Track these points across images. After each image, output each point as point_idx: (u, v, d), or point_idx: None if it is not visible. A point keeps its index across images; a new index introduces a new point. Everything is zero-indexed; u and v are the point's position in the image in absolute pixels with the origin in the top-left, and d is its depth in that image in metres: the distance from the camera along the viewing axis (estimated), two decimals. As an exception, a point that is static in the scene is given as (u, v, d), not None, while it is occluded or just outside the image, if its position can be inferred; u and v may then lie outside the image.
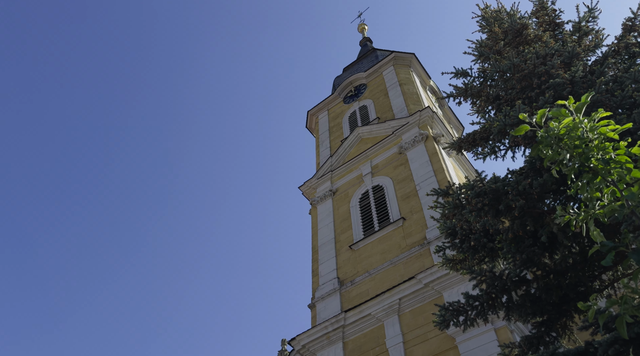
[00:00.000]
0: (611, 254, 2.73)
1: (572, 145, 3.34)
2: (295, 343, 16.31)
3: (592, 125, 3.36)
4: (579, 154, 3.31)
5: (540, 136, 3.39)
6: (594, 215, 3.23)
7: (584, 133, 3.33)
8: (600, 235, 2.88)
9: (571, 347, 5.25)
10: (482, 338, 11.99)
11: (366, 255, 17.41)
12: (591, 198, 3.28)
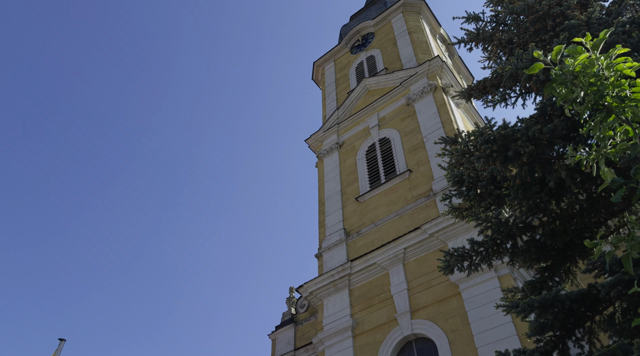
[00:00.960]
0: (621, 191, 2.71)
1: (586, 83, 3.25)
2: (303, 290, 16.79)
3: (608, 62, 3.26)
4: (594, 92, 3.23)
5: (555, 73, 3.30)
6: (605, 154, 3.18)
7: (599, 70, 3.24)
8: (611, 172, 2.85)
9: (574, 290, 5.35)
10: (486, 285, 12.26)
11: (372, 207, 17.57)
12: (603, 138, 3.23)
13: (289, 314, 19.79)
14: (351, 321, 14.79)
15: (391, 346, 13.58)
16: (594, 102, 3.16)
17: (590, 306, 5.31)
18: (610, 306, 5.33)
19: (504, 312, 5.80)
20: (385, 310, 14.41)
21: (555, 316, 5.29)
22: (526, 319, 5.79)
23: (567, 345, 5.63)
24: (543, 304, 5.18)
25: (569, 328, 5.50)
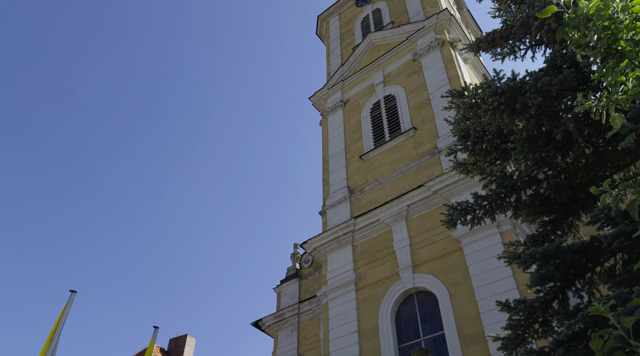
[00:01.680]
0: (631, 136, 2.67)
1: (600, 26, 3.14)
2: (307, 246, 17.07)
3: (624, 4, 3.14)
4: (607, 36, 3.12)
5: (568, 17, 3.19)
6: (615, 101, 3.12)
7: (614, 13, 3.12)
8: (621, 117, 2.79)
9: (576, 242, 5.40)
10: (488, 241, 12.41)
11: (376, 165, 17.56)
12: (615, 84, 3.15)
13: (294, 269, 20.23)
14: (354, 276, 15.10)
15: (393, 299, 13.92)
16: (607, 47, 3.07)
17: (591, 257, 5.37)
18: (612, 257, 5.39)
19: (505, 263, 5.88)
20: (388, 264, 14.67)
21: (557, 267, 5.36)
22: (527, 270, 5.88)
23: (567, 295, 5.74)
24: (545, 255, 5.24)
25: (569, 279, 5.59)
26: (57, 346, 11.03)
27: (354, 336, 13.97)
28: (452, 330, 12.06)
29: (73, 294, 11.61)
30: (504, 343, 6.07)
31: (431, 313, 13.21)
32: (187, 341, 22.36)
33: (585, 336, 5.29)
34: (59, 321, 11.33)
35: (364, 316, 14.25)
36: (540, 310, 5.72)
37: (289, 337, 17.87)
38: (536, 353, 5.51)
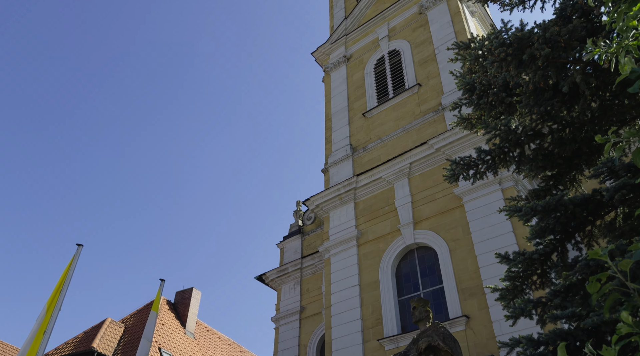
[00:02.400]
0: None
1: (614, -32, 3.01)
2: (310, 203, 17.22)
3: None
4: (621, -23, 3.00)
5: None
6: (626, 47, 3.03)
7: (629, -47, 2.98)
8: (631, 61, 2.72)
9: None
10: (489, 197, 12.48)
11: (379, 122, 17.42)
12: (626, 29, 3.06)
13: (296, 226, 20.49)
14: (356, 232, 15.31)
15: (394, 254, 14.17)
16: (621, -12, 2.95)
17: (592, 211, 5.40)
18: (613, 210, 5.42)
19: (506, 216, 5.92)
20: (389, 221, 14.84)
21: (557, 220, 5.40)
22: (528, 223, 5.93)
23: (566, 248, 5.82)
24: (546, 208, 5.27)
25: (569, 232, 5.64)
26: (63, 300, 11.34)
27: (355, 289, 14.32)
28: (451, 283, 12.33)
29: (80, 248, 11.82)
30: (502, 294, 6.21)
31: (431, 268, 13.47)
32: (192, 294, 22.99)
33: (582, 287, 5.40)
34: (66, 274, 11.59)
35: (365, 271, 14.56)
36: (539, 262, 5.82)
37: (292, 290, 18.34)
38: (533, 303, 5.64)
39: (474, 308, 11.61)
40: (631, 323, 2.17)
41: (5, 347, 24.17)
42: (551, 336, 4.85)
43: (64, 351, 18.34)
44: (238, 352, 25.58)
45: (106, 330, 19.13)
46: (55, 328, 12.25)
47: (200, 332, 23.28)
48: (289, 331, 17.25)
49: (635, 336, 2.19)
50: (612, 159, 5.04)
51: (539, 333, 5.17)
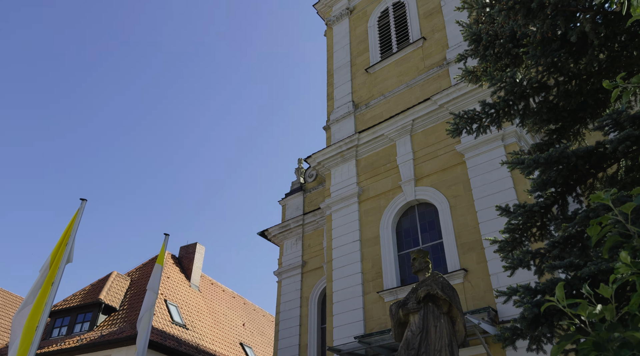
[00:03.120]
0: (653, 22, 2.54)
1: None
2: (311, 160, 17.24)
3: None
4: None
5: None
6: (640, -12, 2.93)
7: None
8: (645, 1, 2.63)
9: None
10: (491, 154, 12.45)
11: (382, 78, 17.15)
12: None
13: (298, 183, 20.59)
14: (357, 189, 15.40)
15: (394, 211, 14.31)
16: None
17: (595, 163, 5.40)
18: (615, 163, 5.42)
19: (508, 168, 5.92)
20: (391, 178, 14.89)
21: (559, 173, 5.40)
22: (529, 176, 5.94)
23: (567, 200, 5.85)
24: (548, 160, 5.26)
25: (570, 185, 5.66)
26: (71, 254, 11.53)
27: (356, 244, 14.56)
28: (450, 238, 12.52)
29: (83, 203, 11.93)
30: (501, 245, 6.30)
31: (431, 224, 13.64)
32: (196, 248, 23.43)
33: (580, 238, 5.47)
34: (71, 228, 11.74)
35: (365, 227, 14.75)
36: (539, 215, 5.87)
37: (294, 246, 18.65)
38: (532, 254, 5.74)
39: (472, 261, 11.83)
40: (629, 263, 2.21)
41: (15, 298, 24.91)
42: (548, 285, 4.96)
43: (72, 302, 18.91)
44: (242, 304, 26.34)
45: (112, 283, 19.64)
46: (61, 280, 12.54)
47: (205, 285, 23.90)
48: (291, 285, 17.68)
49: (632, 276, 2.23)
50: (617, 111, 4.99)
51: (536, 283, 5.29)
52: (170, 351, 16.80)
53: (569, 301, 2.29)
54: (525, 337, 5.36)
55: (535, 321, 5.15)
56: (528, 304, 5.03)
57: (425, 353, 5.76)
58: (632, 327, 2.18)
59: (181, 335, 18.26)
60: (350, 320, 13.33)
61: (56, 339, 17.98)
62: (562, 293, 2.29)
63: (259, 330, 25.68)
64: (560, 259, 5.30)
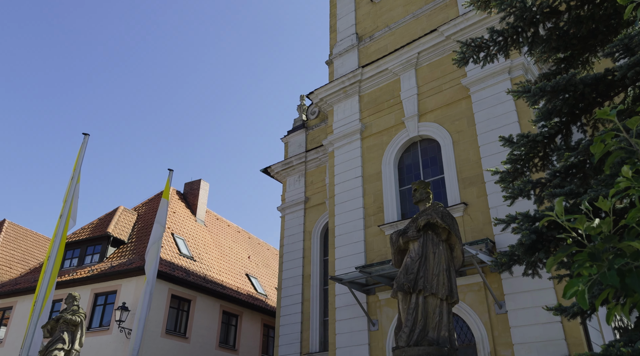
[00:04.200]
0: None
1: None
2: (314, 96, 16.99)
3: None
4: None
5: None
6: None
7: None
8: None
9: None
10: (497, 87, 12.23)
11: (387, 8, 16.49)
12: None
13: (300, 120, 20.44)
14: (360, 125, 15.30)
15: (397, 147, 14.30)
16: None
17: (602, 91, 5.30)
18: (623, 91, 5.32)
19: (514, 97, 5.83)
20: (394, 114, 14.74)
21: (565, 102, 5.33)
22: (535, 106, 5.87)
23: (571, 130, 5.82)
24: (555, 88, 5.16)
25: (575, 114, 5.60)
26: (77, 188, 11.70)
27: (358, 180, 14.69)
28: (452, 173, 12.60)
29: (86, 137, 11.97)
30: (502, 176, 6.34)
31: (433, 159, 13.67)
32: (201, 185, 23.72)
33: (582, 167, 5.49)
34: (77, 164, 11.85)
35: (368, 163, 14.81)
36: (542, 145, 5.85)
37: (297, 182, 18.85)
38: (532, 183, 5.79)
39: (472, 196, 11.98)
40: (630, 177, 2.23)
41: (25, 232, 25.64)
42: (544, 221, 5.03)
43: (81, 235, 19.47)
44: (247, 239, 27.09)
45: (120, 217, 20.10)
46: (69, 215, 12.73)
47: (210, 220, 24.46)
48: (294, 220, 18.05)
49: (632, 190, 2.25)
50: (629, 35, 4.82)
51: (535, 210, 5.38)
52: (179, 281, 17.51)
53: (568, 217, 2.33)
54: (522, 262, 5.54)
55: (532, 247, 5.29)
56: (526, 231, 5.14)
57: (423, 278, 5.98)
58: (627, 239, 2.22)
59: (189, 266, 18.95)
60: (352, 252, 13.74)
61: (68, 270, 18.71)
62: (561, 208, 2.33)
63: (263, 262, 26.58)
64: (560, 188, 5.35)
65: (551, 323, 9.67)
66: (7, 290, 19.09)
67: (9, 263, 22.53)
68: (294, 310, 16.19)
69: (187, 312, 17.97)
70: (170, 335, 16.95)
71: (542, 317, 9.76)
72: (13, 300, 19.07)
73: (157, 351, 16.25)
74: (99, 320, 16.98)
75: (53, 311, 17.66)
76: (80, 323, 9.35)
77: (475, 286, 11.13)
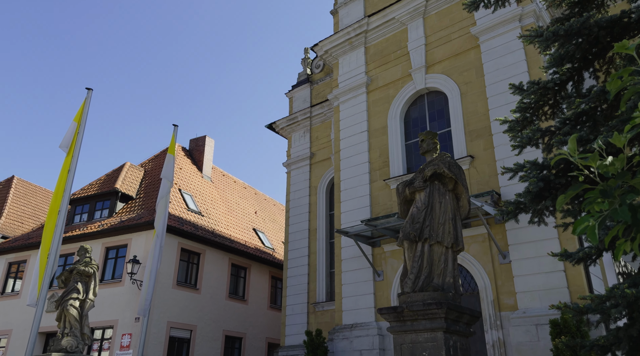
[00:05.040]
0: None
1: None
2: (318, 49, 16.61)
3: None
4: None
5: None
6: None
7: None
8: None
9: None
10: (507, 36, 11.88)
11: (394, -46, 15.79)
12: None
13: (305, 74, 20.09)
14: (366, 78, 15.03)
15: (403, 100, 14.10)
16: None
17: (617, 35, 5.12)
18: (638, 34, 5.14)
19: (525, 42, 5.66)
20: (400, 66, 14.44)
21: (578, 46, 5.17)
22: (546, 51, 5.70)
23: (583, 76, 5.67)
24: (569, 32, 4.99)
25: (589, 59, 5.45)
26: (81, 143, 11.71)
27: (364, 135, 14.60)
28: (459, 126, 12.47)
29: (90, 92, 11.83)
30: (510, 125, 6.26)
31: (440, 112, 13.50)
32: (206, 141, 23.69)
33: (593, 114, 5.40)
34: (80, 117, 11.78)
35: (374, 117, 14.66)
36: (553, 92, 5.74)
37: (302, 138, 18.77)
38: (541, 132, 5.71)
39: (479, 148, 11.91)
40: (646, 112, 2.18)
41: (34, 188, 25.98)
42: (555, 160, 4.99)
43: (89, 191, 19.70)
44: (253, 194, 27.33)
45: (127, 173, 20.25)
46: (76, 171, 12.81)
47: (217, 176, 24.60)
48: (300, 175, 18.12)
49: (647, 125, 2.20)
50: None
51: (543, 158, 5.34)
52: (188, 235, 17.84)
53: (581, 156, 2.30)
54: (528, 211, 5.56)
55: (539, 195, 5.29)
56: (534, 178, 5.12)
57: (429, 227, 6.04)
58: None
59: (197, 221, 19.24)
60: (357, 206, 13.85)
61: (78, 225, 19.06)
62: (574, 145, 2.29)
63: (270, 217, 26.93)
64: (570, 135, 5.28)
65: (554, 272, 9.84)
66: (21, 244, 19.55)
67: (20, 219, 22.96)
68: (301, 262, 16.54)
69: (197, 265, 18.41)
70: (181, 286, 17.46)
71: (546, 266, 9.92)
72: (27, 253, 19.58)
73: (169, 301, 16.79)
74: (111, 273, 17.46)
75: (66, 264, 18.17)
76: (93, 273, 9.62)
77: (479, 238, 11.26)
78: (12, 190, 23.97)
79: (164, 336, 16.26)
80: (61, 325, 9.14)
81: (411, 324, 5.66)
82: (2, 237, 21.07)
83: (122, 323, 16.15)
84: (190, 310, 17.49)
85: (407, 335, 5.63)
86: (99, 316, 15.73)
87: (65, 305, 9.15)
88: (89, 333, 9.35)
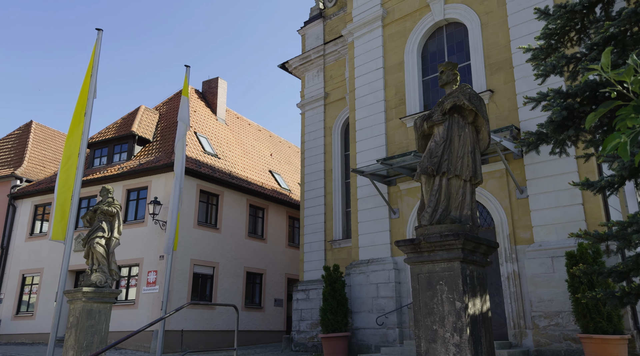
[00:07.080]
0: None
1: None
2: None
3: None
4: None
5: None
6: None
7: None
8: None
9: None
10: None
11: None
12: None
13: (317, 9, 19.35)
14: (381, 11, 14.43)
15: (421, 33, 13.58)
16: None
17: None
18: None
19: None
20: (418, -3, 13.77)
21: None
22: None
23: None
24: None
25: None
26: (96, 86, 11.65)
27: (379, 72, 14.23)
28: (478, 59, 12.04)
29: (100, 33, 11.61)
30: (534, 53, 6.01)
31: (459, 45, 13.01)
32: (219, 83, 23.42)
33: (623, 39, 5.13)
34: (92, 59, 11.64)
35: (389, 53, 14.21)
36: (581, 15, 5.43)
37: (316, 77, 18.40)
38: (566, 58, 5.47)
39: (499, 82, 11.56)
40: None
41: (53, 132, 26.33)
42: (581, 87, 4.82)
43: (106, 135, 19.91)
44: (268, 137, 27.33)
45: (142, 116, 20.30)
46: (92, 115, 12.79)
47: (231, 119, 24.53)
48: (314, 116, 17.93)
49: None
50: None
51: (568, 86, 5.15)
52: (206, 177, 18.11)
53: (614, 72, 2.20)
54: (550, 141, 5.45)
55: (562, 125, 5.16)
56: (557, 107, 4.97)
57: (447, 161, 5.97)
58: (677, 91, 2.11)
59: (214, 163, 19.45)
60: (373, 145, 13.77)
61: (98, 168, 19.44)
62: (608, 60, 2.18)
63: (285, 159, 27.07)
64: (598, 61, 5.06)
65: (572, 205, 9.82)
66: (45, 187, 20.12)
67: (42, 163, 23.46)
68: (317, 202, 16.76)
69: (215, 206, 18.82)
70: (202, 226, 17.97)
71: (564, 200, 9.89)
72: (51, 196, 20.18)
73: (191, 239, 17.37)
74: (133, 214, 17.99)
75: (89, 206, 18.73)
76: (117, 213, 9.88)
77: (497, 173, 11.19)
78: (32, 135, 24.31)
79: (187, 272, 16.97)
80: (89, 262, 9.54)
81: (428, 255, 5.75)
82: (27, 181, 21.66)
83: (148, 261, 16.84)
84: (211, 248, 18.11)
85: (424, 265, 5.74)
86: (125, 255, 16.40)
87: (92, 243, 9.50)
88: (117, 270, 9.76)
